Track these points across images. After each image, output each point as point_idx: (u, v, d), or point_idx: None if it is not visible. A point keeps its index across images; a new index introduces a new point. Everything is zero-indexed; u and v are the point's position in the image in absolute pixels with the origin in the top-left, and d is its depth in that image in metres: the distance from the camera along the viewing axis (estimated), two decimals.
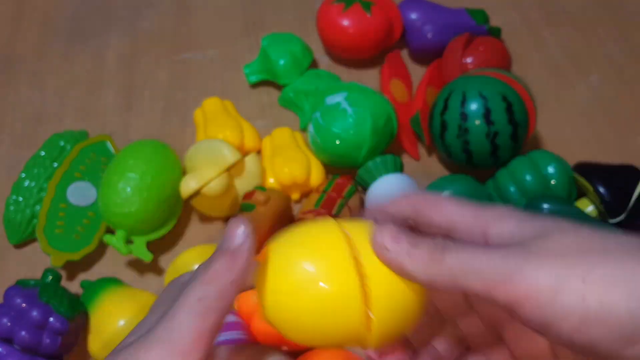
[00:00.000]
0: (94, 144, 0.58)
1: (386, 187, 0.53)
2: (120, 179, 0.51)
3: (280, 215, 0.53)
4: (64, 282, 0.52)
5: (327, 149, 0.55)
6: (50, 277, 0.49)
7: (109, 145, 0.59)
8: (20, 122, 0.65)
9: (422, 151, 0.62)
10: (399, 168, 0.56)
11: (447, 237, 0.26)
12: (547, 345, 0.27)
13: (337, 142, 0.54)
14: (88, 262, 0.55)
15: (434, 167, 0.61)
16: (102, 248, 0.55)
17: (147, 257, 0.51)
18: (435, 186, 0.55)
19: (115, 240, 0.50)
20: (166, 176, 0.53)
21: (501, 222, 0.25)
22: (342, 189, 0.54)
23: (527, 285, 0.21)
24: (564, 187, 0.54)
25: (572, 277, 0.21)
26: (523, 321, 0.22)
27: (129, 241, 0.52)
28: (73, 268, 0.54)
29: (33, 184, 0.55)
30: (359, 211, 0.55)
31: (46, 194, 0.54)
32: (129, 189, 0.50)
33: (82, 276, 0.54)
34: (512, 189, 0.54)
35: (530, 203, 0.51)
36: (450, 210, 0.26)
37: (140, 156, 0.53)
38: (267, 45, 0.65)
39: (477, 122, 0.52)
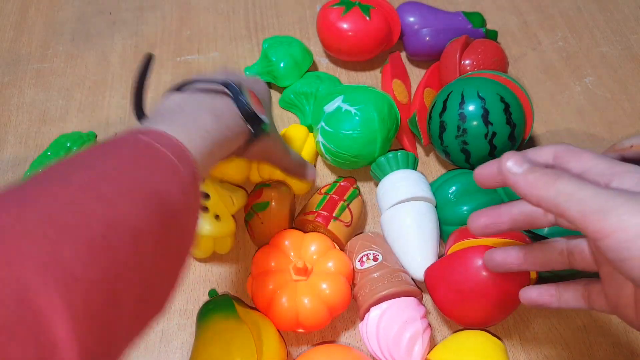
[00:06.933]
0: None
1: (393, 182, 0.54)
2: None
3: (291, 206, 0.54)
4: None
5: (342, 153, 0.55)
6: None
7: None
8: (25, 122, 0.65)
9: (420, 151, 0.63)
10: (412, 164, 0.56)
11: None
12: (632, 292, 0.30)
13: (350, 142, 0.54)
14: None
15: (432, 167, 0.62)
16: None
17: None
18: (441, 180, 0.56)
19: None
20: None
21: (626, 175, 0.28)
22: (344, 192, 0.54)
23: (617, 222, 0.25)
24: None
25: None
26: (604, 252, 0.26)
27: None
28: None
29: None
30: (360, 215, 0.55)
31: None
32: None
33: None
34: None
35: None
36: (588, 159, 0.30)
37: None
38: (267, 48, 0.65)
39: (475, 122, 0.52)
